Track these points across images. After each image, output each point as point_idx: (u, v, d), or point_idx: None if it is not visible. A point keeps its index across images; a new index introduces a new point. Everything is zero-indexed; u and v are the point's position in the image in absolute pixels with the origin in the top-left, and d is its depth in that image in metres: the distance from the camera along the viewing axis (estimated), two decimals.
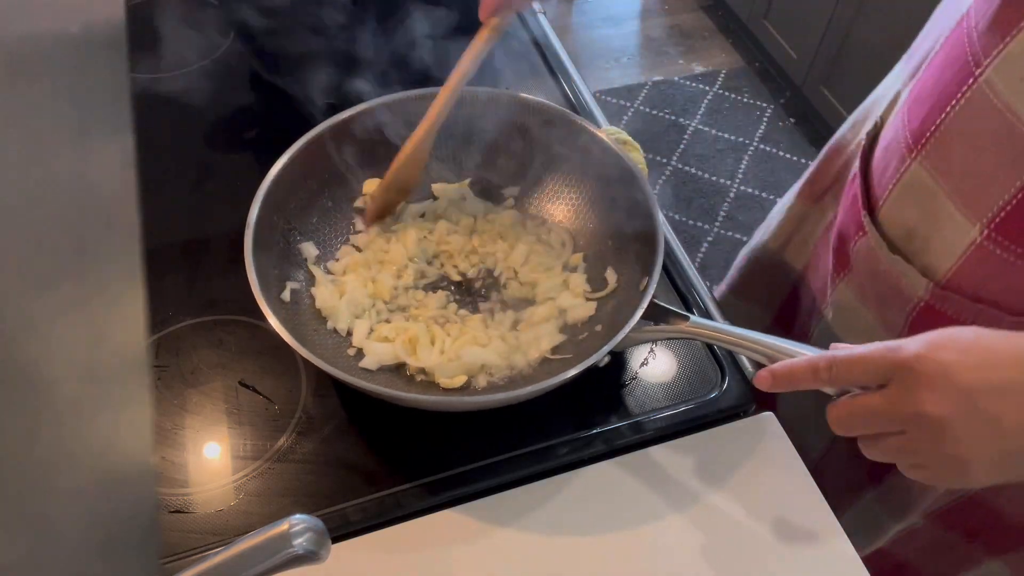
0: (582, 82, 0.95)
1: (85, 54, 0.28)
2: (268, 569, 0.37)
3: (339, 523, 0.60)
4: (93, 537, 0.24)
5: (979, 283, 0.56)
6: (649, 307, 0.61)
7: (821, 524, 0.63)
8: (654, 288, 0.62)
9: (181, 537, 0.59)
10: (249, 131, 0.90)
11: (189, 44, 0.98)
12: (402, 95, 0.74)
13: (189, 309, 0.72)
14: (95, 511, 0.25)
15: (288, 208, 0.71)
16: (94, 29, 0.29)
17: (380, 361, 0.66)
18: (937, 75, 0.58)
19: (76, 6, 0.28)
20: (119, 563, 0.26)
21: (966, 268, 0.57)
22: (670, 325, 0.61)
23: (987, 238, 0.54)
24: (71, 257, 0.25)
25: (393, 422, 0.65)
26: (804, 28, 2.18)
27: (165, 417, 0.66)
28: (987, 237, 0.54)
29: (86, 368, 0.25)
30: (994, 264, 0.55)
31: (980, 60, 0.53)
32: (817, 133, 2.30)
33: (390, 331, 0.68)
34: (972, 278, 0.57)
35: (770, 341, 0.56)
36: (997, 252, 0.54)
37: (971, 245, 0.56)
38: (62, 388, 0.23)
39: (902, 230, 0.62)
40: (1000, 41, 0.51)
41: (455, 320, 0.70)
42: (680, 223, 2.11)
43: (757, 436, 0.67)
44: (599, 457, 0.65)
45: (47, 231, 0.24)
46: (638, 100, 2.42)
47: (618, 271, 0.73)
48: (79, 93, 0.27)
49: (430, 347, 0.67)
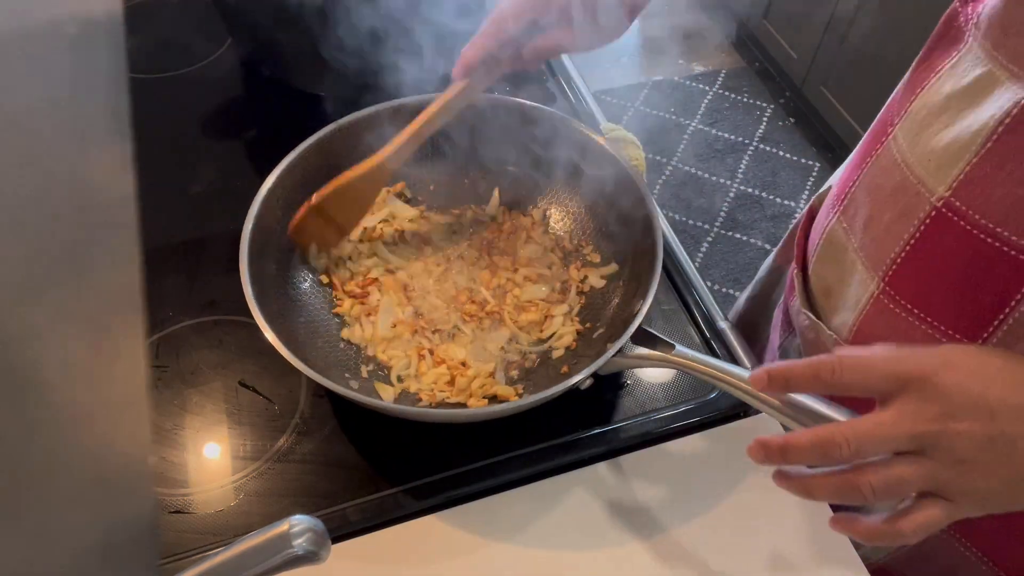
0: (582, 82, 0.95)
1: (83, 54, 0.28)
2: (268, 569, 0.37)
3: (339, 523, 0.60)
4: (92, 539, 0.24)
5: (878, 339, 0.55)
6: (637, 331, 0.60)
7: (822, 524, 0.63)
8: (645, 311, 0.61)
9: (181, 537, 0.59)
10: (249, 131, 0.90)
11: (188, 44, 0.98)
12: (408, 100, 0.74)
13: (189, 309, 0.72)
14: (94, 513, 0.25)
15: (287, 212, 0.71)
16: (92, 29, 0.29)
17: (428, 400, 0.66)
18: (867, 138, 0.60)
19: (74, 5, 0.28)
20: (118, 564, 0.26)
21: (866, 323, 0.57)
22: (656, 352, 0.59)
23: (883, 292, 0.55)
24: (70, 258, 0.25)
25: (393, 423, 0.65)
26: (804, 28, 2.18)
27: (165, 417, 0.66)
28: (883, 291, 0.55)
29: (85, 369, 0.25)
30: (889, 319, 0.55)
31: (893, 120, 0.55)
32: (817, 133, 2.31)
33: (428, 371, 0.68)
34: (872, 334, 0.57)
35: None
36: (890, 307, 0.55)
37: (870, 299, 0.56)
38: (60, 390, 0.23)
39: (823, 288, 0.63)
40: (908, 101, 0.53)
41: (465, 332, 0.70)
42: (680, 223, 2.11)
43: (757, 436, 0.67)
44: (599, 457, 0.65)
45: (45, 232, 0.24)
46: (638, 100, 2.42)
47: (622, 277, 0.73)
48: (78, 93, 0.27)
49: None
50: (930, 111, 0.51)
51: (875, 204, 0.56)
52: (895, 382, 0.44)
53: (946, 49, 0.52)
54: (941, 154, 0.50)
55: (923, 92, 0.53)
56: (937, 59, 0.53)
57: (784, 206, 2.16)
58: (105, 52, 0.30)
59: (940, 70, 0.51)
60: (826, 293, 0.63)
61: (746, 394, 0.54)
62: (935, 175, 0.50)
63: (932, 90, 0.52)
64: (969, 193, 0.48)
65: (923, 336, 0.53)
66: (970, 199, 0.48)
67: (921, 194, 0.51)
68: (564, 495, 0.64)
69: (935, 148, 0.50)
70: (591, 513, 0.63)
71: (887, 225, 0.54)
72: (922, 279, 0.53)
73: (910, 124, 0.53)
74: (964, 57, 0.50)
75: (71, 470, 0.23)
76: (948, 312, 0.52)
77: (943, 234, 0.50)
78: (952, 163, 0.49)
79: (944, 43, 0.52)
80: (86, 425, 0.25)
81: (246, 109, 0.93)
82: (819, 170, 2.23)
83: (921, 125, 0.52)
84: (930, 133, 0.51)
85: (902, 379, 0.44)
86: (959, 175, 0.48)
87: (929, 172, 0.50)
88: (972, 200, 0.48)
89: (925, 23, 0.69)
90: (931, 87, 0.52)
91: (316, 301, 0.71)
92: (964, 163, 0.48)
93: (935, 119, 0.51)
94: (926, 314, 0.53)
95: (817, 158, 2.26)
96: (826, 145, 2.28)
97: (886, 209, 0.54)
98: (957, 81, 0.50)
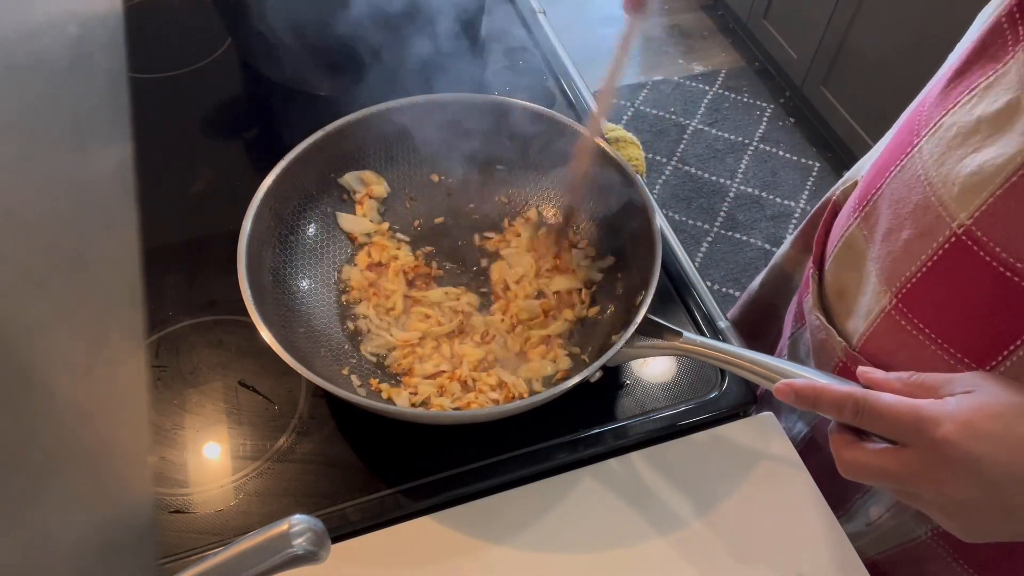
0: (582, 82, 0.95)
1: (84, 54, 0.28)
2: (268, 569, 0.37)
3: (339, 523, 0.60)
4: (90, 538, 0.24)
5: (887, 352, 0.57)
6: (643, 322, 0.61)
7: (821, 524, 0.63)
8: (649, 302, 0.61)
9: (181, 537, 0.59)
10: (248, 131, 0.90)
11: (188, 44, 0.98)
12: (407, 100, 0.74)
13: (189, 309, 0.72)
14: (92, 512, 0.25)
15: (285, 212, 0.71)
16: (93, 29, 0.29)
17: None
18: (893, 141, 0.60)
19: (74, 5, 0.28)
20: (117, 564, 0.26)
21: (876, 335, 0.58)
22: (664, 341, 0.61)
23: (895, 308, 0.55)
24: (70, 258, 0.25)
25: (393, 423, 0.65)
26: (804, 28, 2.18)
27: (165, 417, 0.66)
28: (895, 307, 0.55)
29: (85, 369, 0.25)
30: (899, 335, 0.55)
31: (921, 130, 0.54)
32: (817, 133, 2.31)
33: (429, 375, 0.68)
34: (881, 347, 0.57)
35: (763, 360, 0.56)
36: (902, 323, 0.55)
37: (882, 312, 0.56)
38: (61, 389, 0.23)
39: (837, 290, 0.63)
40: (939, 114, 0.53)
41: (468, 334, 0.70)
42: (680, 223, 2.11)
43: (757, 436, 0.67)
44: (599, 457, 0.65)
45: (46, 231, 0.24)
46: (638, 100, 2.42)
47: (620, 271, 0.73)
48: (78, 94, 0.27)
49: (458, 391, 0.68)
50: (960, 130, 0.50)
51: (896, 217, 0.55)
52: (908, 438, 0.46)
53: (985, 66, 0.50)
54: (965, 180, 0.49)
55: (956, 109, 0.51)
56: (975, 75, 0.51)
57: (784, 206, 2.16)
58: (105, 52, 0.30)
59: (975, 88, 0.50)
60: (840, 295, 0.63)
61: (757, 375, 0.56)
62: (958, 200, 0.49)
63: (965, 108, 0.51)
64: (991, 225, 0.48)
65: (932, 356, 0.53)
66: (991, 231, 0.48)
67: (942, 217, 0.50)
68: (564, 495, 0.63)
69: (960, 173, 0.49)
70: (591, 512, 0.63)
71: (906, 242, 0.54)
72: (936, 301, 0.53)
73: (938, 140, 0.52)
74: (1000, 79, 0.49)
75: (71, 470, 0.23)
76: (959, 337, 0.52)
77: (961, 261, 0.50)
78: (976, 192, 0.48)
79: (984, 59, 0.51)
80: (86, 425, 0.25)
81: (246, 109, 0.93)
82: (819, 170, 2.23)
83: (949, 145, 0.51)
84: (957, 156, 0.50)
85: (914, 438, 0.45)
86: (982, 205, 0.48)
87: (952, 196, 0.50)
88: (993, 232, 0.48)
89: (925, 23, 0.69)
90: (964, 105, 0.51)
91: (316, 303, 0.71)
92: (988, 194, 0.47)
93: (964, 141, 0.50)
94: (937, 335, 0.53)
95: (817, 158, 2.26)
96: (826, 145, 2.28)
97: (906, 225, 0.54)
98: (989, 105, 0.49)
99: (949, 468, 0.44)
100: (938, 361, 0.53)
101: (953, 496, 0.44)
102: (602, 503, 0.63)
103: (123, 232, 0.28)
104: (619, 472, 0.65)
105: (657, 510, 0.63)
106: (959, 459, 0.43)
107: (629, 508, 0.63)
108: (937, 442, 0.44)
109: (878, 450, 0.47)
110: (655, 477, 0.65)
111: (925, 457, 0.45)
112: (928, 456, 0.45)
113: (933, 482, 0.45)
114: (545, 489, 0.64)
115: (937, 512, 0.47)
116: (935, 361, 0.53)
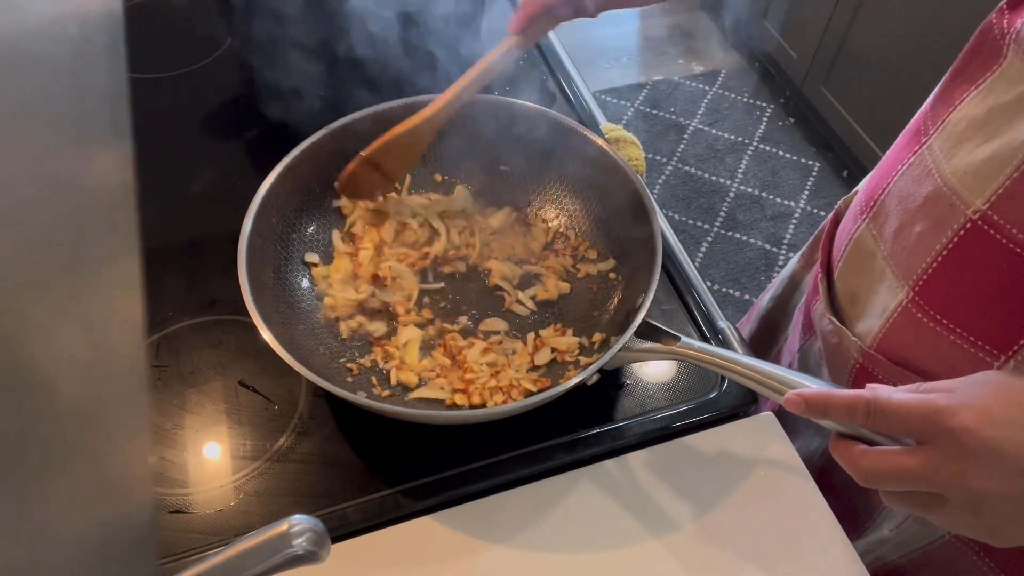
0: (582, 82, 0.95)
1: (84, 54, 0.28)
2: (268, 569, 0.37)
3: (339, 523, 0.60)
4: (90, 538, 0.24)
5: (905, 347, 0.57)
6: (641, 325, 0.60)
7: (821, 524, 0.63)
8: (647, 307, 0.61)
9: (181, 537, 0.59)
10: (248, 131, 0.90)
11: (188, 44, 0.98)
12: (405, 101, 0.74)
13: (189, 309, 0.72)
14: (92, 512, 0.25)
15: (286, 212, 0.71)
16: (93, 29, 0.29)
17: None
18: (898, 144, 0.60)
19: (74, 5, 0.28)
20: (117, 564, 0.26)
21: (893, 331, 0.57)
22: (661, 345, 0.60)
23: (912, 301, 0.55)
24: (70, 257, 0.25)
25: (392, 423, 0.65)
26: (804, 28, 2.18)
27: (165, 417, 0.66)
28: (912, 300, 0.55)
29: (85, 369, 0.25)
30: (916, 328, 0.55)
31: (928, 129, 0.55)
32: (817, 133, 2.31)
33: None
34: (898, 342, 0.57)
35: (762, 367, 0.55)
36: (919, 316, 0.55)
37: (898, 307, 0.56)
38: (61, 389, 0.23)
39: (848, 294, 0.63)
40: (946, 111, 0.53)
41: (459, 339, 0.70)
42: (680, 223, 2.11)
43: (757, 436, 0.67)
44: (599, 457, 0.65)
45: (46, 231, 0.24)
46: (638, 100, 2.42)
47: (621, 273, 0.73)
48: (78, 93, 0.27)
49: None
50: (970, 123, 0.51)
51: (906, 213, 0.56)
52: (925, 433, 0.44)
53: (984, 62, 0.51)
54: (980, 167, 0.49)
55: (962, 104, 0.52)
56: (976, 72, 0.52)
57: (784, 206, 2.16)
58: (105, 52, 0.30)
59: (981, 83, 0.51)
60: (852, 299, 0.63)
61: (754, 382, 0.55)
62: (972, 188, 0.50)
63: (973, 103, 0.51)
64: (1008, 207, 0.48)
65: (951, 347, 0.53)
66: (1008, 213, 0.48)
67: (956, 206, 0.51)
68: (563, 495, 0.64)
69: (973, 161, 0.50)
70: (590, 512, 0.63)
71: (919, 235, 0.54)
72: (953, 290, 0.53)
73: (947, 135, 0.53)
74: (1006, 72, 0.49)
75: (71, 470, 0.23)
76: (977, 324, 0.52)
77: (977, 246, 0.50)
78: (991, 177, 0.48)
79: (981, 57, 0.52)
80: (86, 425, 0.25)
81: (246, 109, 0.93)
82: (819, 170, 2.23)
83: (960, 138, 0.51)
84: (969, 146, 0.50)
85: (931, 432, 0.44)
86: (998, 188, 0.48)
87: (965, 185, 0.50)
88: (1010, 214, 0.48)
89: (925, 23, 0.70)
90: (971, 99, 0.52)
91: (316, 303, 0.71)
92: (1004, 177, 0.48)
93: (976, 132, 0.50)
94: (955, 324, 0.53)
95: (817, 158, 2.26)
96: (826, 145, 2.28)
97: (918, 219, 0.54)
98: (1000, 96, 0.49)
99: (971, 457, 0.42)
100: (957, 352, 0.53)
101: (979, 487, 0.42)
102: (602, 503, 0.63)
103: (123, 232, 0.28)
104: (618, 472, 0.65)
105: (657, 510, 0.63)
106: (980, 446, 0.42)
107: (629, 508, 0.63)
108: (955, 431, 0.42)
109: (896, 451, 0.45)
110: (655, 477, 0.65)
111: (945, 450, 0.43)
112: (948, 448, 0.43)
113: (957, 476, 0.43)
114: (545, 489, 0.64)
115: (964, 513, 0.44)
116: (953, 352, 0.53)
